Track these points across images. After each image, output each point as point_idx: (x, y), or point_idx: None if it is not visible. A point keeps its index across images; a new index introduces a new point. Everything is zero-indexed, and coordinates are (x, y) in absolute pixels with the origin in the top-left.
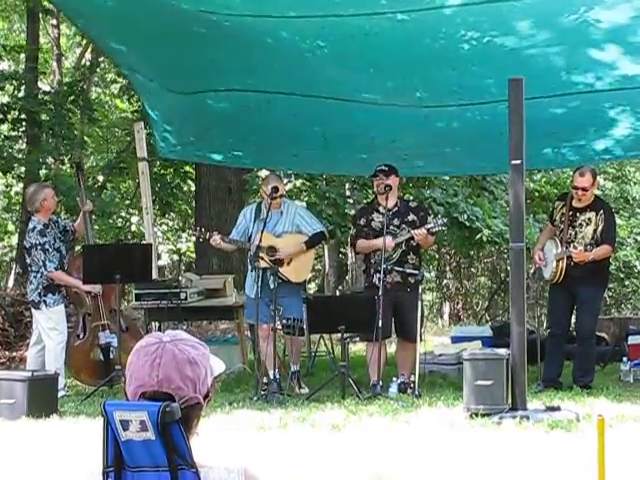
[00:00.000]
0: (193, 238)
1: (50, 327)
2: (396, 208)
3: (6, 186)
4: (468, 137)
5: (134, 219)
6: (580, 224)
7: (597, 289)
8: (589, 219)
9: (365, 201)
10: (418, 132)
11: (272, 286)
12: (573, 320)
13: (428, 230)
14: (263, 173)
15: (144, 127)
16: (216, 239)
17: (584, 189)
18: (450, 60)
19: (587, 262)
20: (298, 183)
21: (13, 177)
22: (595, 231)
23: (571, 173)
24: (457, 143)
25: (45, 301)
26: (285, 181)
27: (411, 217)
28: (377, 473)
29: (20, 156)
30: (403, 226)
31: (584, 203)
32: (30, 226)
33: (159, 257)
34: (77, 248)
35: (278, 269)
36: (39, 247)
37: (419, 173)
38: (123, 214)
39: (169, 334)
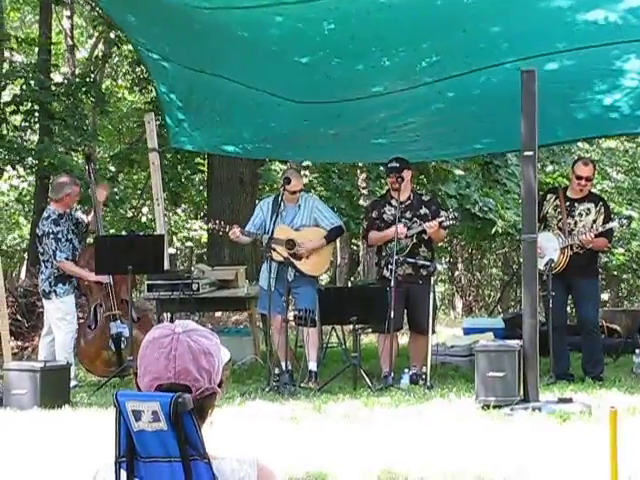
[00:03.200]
0: (205, 227)
1: (59, 317)
2: (409, 201)
3: (18, 177)
4: (481, 106)
5: (144, 210)
6: (580, 214)
7: (595, 280)
8: (588, 209)
9: (379, 193)
10: (429, 110)
11: (290, 278)
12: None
13: (440, 223)
14: (276, 167)
15: (155, 118)
16: (236, 232)
17: (588, 179)
18: (460, 21)
19: (584, 254)
20: (312, 177)
21: (25, 169)
22: (595, 222)
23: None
24: (470, 116)
25: (55, 291)
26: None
27: (423, 210)
28: (389, 464)
29: (31, 147)
30: (415, 219)
31: (582, 194)
32: (45, 214)
33: (170, 243)
34: (89, 240)
35: (293, 263)
36: (51, 236)
37: (431, 157)
38: (136, 205)
39: (180, 325)
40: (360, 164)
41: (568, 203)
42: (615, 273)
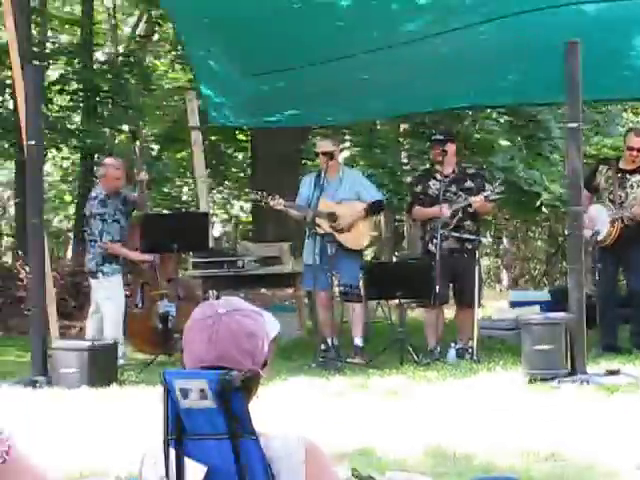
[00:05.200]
0: (249, 206)
1: (107, 296)
2: (453, 174)
3: (62, 157)
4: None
5: (185, 189)
6: (631, 185)
7: None
8: None
9: (422, 168)
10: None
11: (330, 252)
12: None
13: (485, 197)
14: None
15: (196, 96)
16: (279, 201)
17: (639, 149)
18: None
19: (636, 226)
20: (354, 151)
21: (69, 148)
22: None
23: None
24: (506, 60)
25: (102, 270)
26: (340, 147)
27: (468, 184)
28: (436, 439)
29: (75, 127)
30: (460, 193)
31: (635, 165)
32: (92, 194)
33: (213, 226)
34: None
35: (334, 236)
36: (98, 217)
37: (467, 102)
38: (178, 183)
39: (224, 304)
40: (402, 139)
41: (620, 175)
42: None
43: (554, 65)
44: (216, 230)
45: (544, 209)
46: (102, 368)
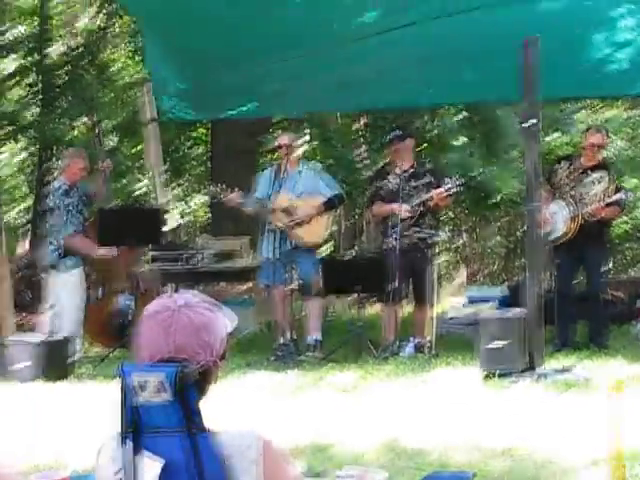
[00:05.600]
0: (207, 199)
1: (67, 290)
2: (412, 169)
3: (19, 150)
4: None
5: (145, 181)
6: (592, 182)
7: (604, 249)
8: (600, 177)
9: (381, 163)
10: (421, 44)
11: (289, 246)
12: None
13: (446, 191)
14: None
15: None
16: (232, 196)
17: (600, 146)
18: None
19: (595, 222)
20: (314, 145)
21: (26, 141)
22: (607, 189)
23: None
24: (460, 56)
25: (63, 263)
26: (300, 142)
27: (427, 179)
28: (392, 433)
29: (32, 119)
30: (420, 188)
31: (594, 162)
32: (55, 185)
33: (167, 220)
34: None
35: (292, 230)
36: (62, 208)
37: (424, 102)
38: (137, 177)
39: (181, 297)
40: (361, 134)
41: (581, 171)
42: (617, 241)
43: (511, 62)
44: (174, 223)
45: (502, 206)
46: (57, 362)
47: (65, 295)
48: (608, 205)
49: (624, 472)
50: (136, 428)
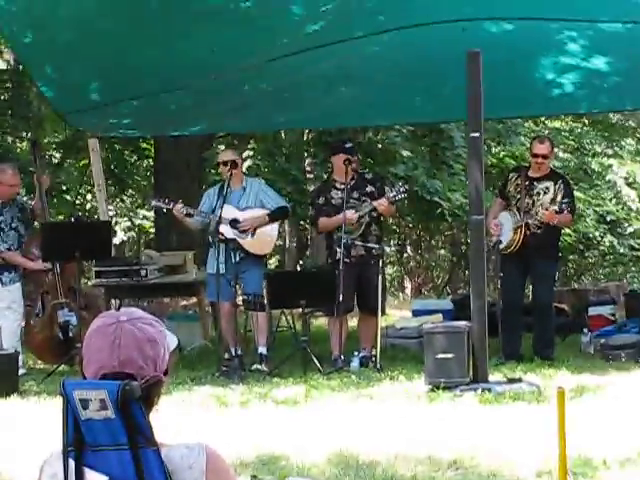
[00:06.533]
0: (152, 214)
1: (6, 306)
2: (353, 181)
3: None
4: (421, 66)
5: (88, 197)
6: (538, 192)
7: (552, 260)
8: (547, 188)
9: (322, 180)
10: (368, 63)
11: (234, 260)
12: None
13: (389, 199)
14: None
15: None
16: (178, 207)
17: (544, 156)
18: None
19: (543, 234)
20: (257, 161)
21: None
22: (553, 200)
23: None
24: (410, 76)
25: (1, 279)
26: (243, 156)
27: (369, 188)
28: (339, 447)
29: None
30: (363, 198)
31: (542, 172)
32: None
33: (115, 234)
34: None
35: (238, 241)
36: None
37: (369, 123)
38: (81, 192)
39: (124, 313)
40: (306, 148)
41: (528, 182)
42: (562, 253)
43: (456, 81)
44: (119, 238)
45: (446, 218)
46: (3, 378)
47: (4, 311)
48: (557, 213)
49: None
50: (79, 445)
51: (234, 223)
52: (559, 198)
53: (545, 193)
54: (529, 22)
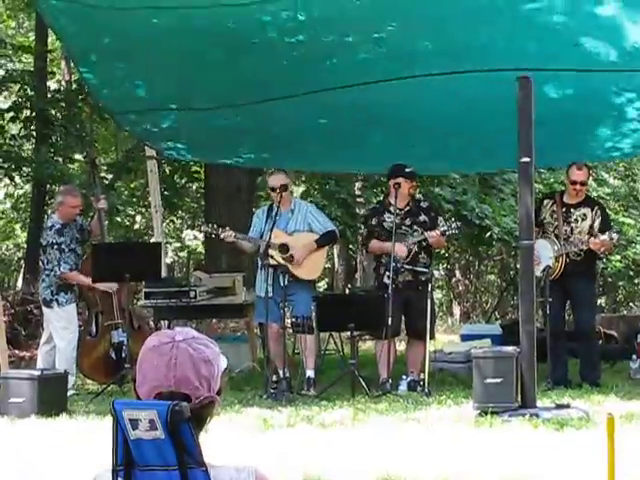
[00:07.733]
0: (202, 236)
1: (62, 326)
2: (407, 208)
3: (14, 185)
4: (478, 116)
5: (138, 218)
6: (576, 219)
7: (591, 284)
8: (584, 214)
9: (375, 201)
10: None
11: (283, 283)
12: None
13: (442, 232)
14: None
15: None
16: (229, 233)
17: (582, 183)
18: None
19: (582, 260)
20: (308, 184)
21: (21, 177)
22: (592, 226)
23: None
24: (467, 126)
25: (57, 300)
26: (293, 180)
27: (422, 217)
28: (386, 470)
29: (27, 156)
30: (415, 227)
31: (579, 199)
32: (49, 224)
33: (166, 255)
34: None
35: (288, 268)
36: (55, 246)
37: (424, 170)
38: (132, 213)
39: (180, 332)
40: (356, 172)
41: (564, 209)
42: (611, 279)
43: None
44: (169, 259)
45: (495, 244)
46: (52, 398)
47: (59, 331)
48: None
49: None
50: (128, 464)
51: (283, 248)
52: (597, 224)
53: (583, 220)
54: (589, 88)
